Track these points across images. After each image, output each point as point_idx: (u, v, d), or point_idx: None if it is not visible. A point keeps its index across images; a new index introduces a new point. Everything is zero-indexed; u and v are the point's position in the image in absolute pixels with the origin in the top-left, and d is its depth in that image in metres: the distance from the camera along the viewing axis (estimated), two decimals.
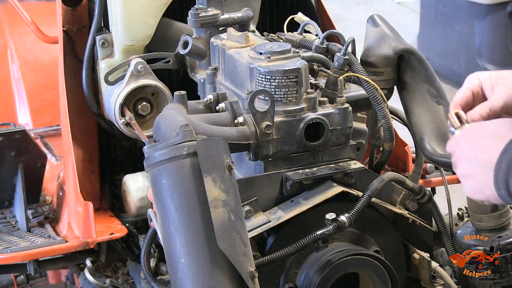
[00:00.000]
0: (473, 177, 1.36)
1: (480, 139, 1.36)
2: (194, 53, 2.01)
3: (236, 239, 1.39)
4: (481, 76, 1.49)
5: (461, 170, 1.40)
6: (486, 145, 1.33)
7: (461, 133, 1.42)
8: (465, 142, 1.39)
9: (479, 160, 1.34)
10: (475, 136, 1.38)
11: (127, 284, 2.25)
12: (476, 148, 1.35)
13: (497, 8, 5.18)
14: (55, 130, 2.95)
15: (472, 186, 1.38)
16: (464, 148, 1.39)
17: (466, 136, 1.40)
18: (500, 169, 1.29)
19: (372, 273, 1.68)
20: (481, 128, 1.39)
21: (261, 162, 1.68)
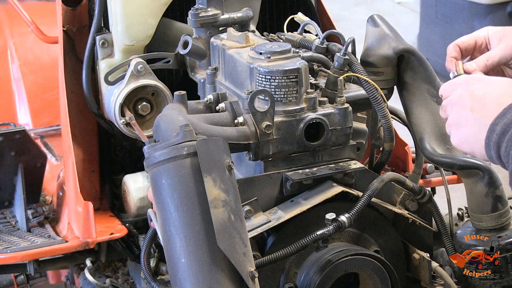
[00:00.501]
0: (466, 128, 1.37)
1: (483, 95, 1.35)
2: (194, 53, 2.01)
3: (236, 239, 1.39)
4: (490, 29, 1.48)
5: (454, 117, 1.40)
6: (486, 103, 1.33)
7: (463, 80, 1.41)
8: (465, 91, 1.38)
9: (476, 114, 1.34)
10: (478, 90, 1.37)
11: (127, 284, 2.25)
12: (477, 102, 1.35)
13: (497, 8, 5.18)
14: (55, 130, 2.95)
15: (461, 136, 1.39)
16: (463, 96, 1.38)
17: (468, 86, 1.39)
18: (494, 130, 1.30)
19: (372, 273, 1.68)
20: (486, 84, 1.38)
21: (261, 162, 1.69)
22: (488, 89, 1.36)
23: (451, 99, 1.42)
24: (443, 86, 1.48)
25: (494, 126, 1.30)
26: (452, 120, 1.41)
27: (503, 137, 1.28)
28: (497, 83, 1.38)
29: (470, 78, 1.43)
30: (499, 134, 1.29)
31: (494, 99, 1.33)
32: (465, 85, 1.41)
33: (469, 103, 1.37)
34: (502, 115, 1.30)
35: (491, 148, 1.31)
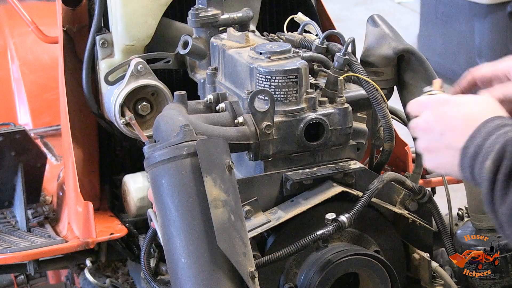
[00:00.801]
0: (438, 153, 1.37)
1: (451, 118, 1.35)
2: (194, 53, 2.01)
3: (236, 239, 1.39)
4: None
5: (424, 142, 1.40)
6: (456, 126, 1.33)
7: (430, 102, 1.41)
8: (433, 116, 1.39)
9: (446, 139, 1.34)
10: (445, 113, 1.37)
11: (127, 284, 2.25)
12: (445, 126, 1.35)
13: (497, 8, 5.18)
14: (55, 130, 2.95)
15: (435, 162, 1.40)
16: (431, 122, 1.38)
17: (435, 109, 1.39)
18: (467, 153, 1.30)
19: (372, 273, 1.68)
20: (453, 106, 1.37)
21: (261, 162, 1.68)
22: (455, 112, 1.36)
23: (419, 123, 1.42)
24: (410, 104, 1.48)
25: (466, 149, 1.30)
26: (424, 146, 1.41)
27: (475, 160, 1.28)
28: (464, 105, 1.37)
29: (437, 100, 1.42)
30: (471, 157, 1.29)
31: (462, 122, 1.33)
32: (432, 108, 1.40)
33: (438, 128, 1.37)
34: (472, 138, 1.30)
35: (465, 171, 1.32)
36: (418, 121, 1.41)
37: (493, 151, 1.24)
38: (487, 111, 1.33)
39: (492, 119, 1.30)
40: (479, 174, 1.28)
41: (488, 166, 1.24)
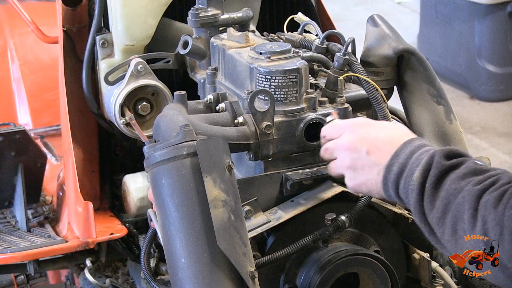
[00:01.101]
0: (363, 171, 1.46)
1: (374, 138, 1.45)
2: (194, 53, 2.01)
3: (236, 239, 1.39)
4: None
5: (347, 161, 1.48)
6: (380, 145, 1.43)
7: (349, 124, 1.51)
8: (355, 136, 1.48)
9: (372, 157, 1.43)
10: (368, 134, 1.46)
11: (127, 284, 2.25)
12: (370, 145, 1.44)
13: (497, 8, 5.18)
14: (55, 130, 2.95)
15: (358, 180, 1.47)
16: (354, 141, 1.47)
17: (355, 130, 1.49)
18: (391, 171, 1.39)
19: (372, 273, 1.68)
20: (373, 128, 1.47)
21: (261, 162, 1.68)
22: (378, 133, 1.45)
23: (340, 143, 1.50)
24: (325, 128, 1.57)
25: (390, 166, 1.39)
26: (348, 164, 1.49)
27: (401, 176, 1.37)
28: (386, 127, 1.48)
29: (356, 122, 1.52)
30: (396, 174, 1.38)
31: (386, 142, 1.42)
32: (352, 130, 1.49)
33: (363, 147, 1.45)
34: (396, 156, 1.39)
35: (389, 188, 1.40)
36: (339, 142, 1.50)
37: (420, 165, 1.34)
38: (406, 134, 1.45)
39: (413, 140, 1.41)
40: (404, 189, 1.37)
41: (417, 177, 1.33)
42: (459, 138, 1.76)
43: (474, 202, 1.27)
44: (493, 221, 1.23)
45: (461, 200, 1.29)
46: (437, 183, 1.33)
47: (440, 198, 1.32)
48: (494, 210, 1.24)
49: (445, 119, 1.75)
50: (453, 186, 1.31)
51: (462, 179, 1.32)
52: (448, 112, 1.75)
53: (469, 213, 1.27)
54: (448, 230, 1.31)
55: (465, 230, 1.28)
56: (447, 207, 1.31)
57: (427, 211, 1.34)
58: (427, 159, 1.35)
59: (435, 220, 1.33)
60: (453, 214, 1.30)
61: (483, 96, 5.39)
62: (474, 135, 4.87)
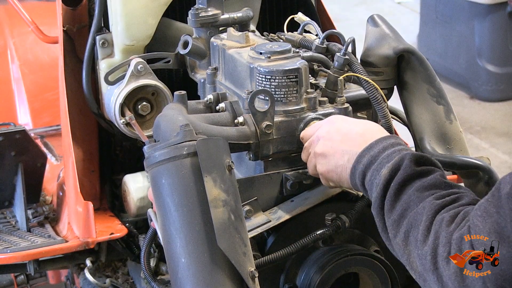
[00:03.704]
0: (334, 157, 1.52)
1: (348, 131, 1.52)
2: (194, 53, 2.01)
3: (236, 239, 1.39)
4: None
5: (321, 148, 1.55)
6: (353, 137, 1.50)
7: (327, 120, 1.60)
8: (332, 127, 1.55)
9: (345, 146, 1.50)
10: (344, 127, 1.54)
11: (127, 284, 2.25)
12: (344, 136, 1.51)
13: (497, 8, 5.18)
14: (55, 130, 2.95)
15: (329, 165, 1.54)
16: (331, 131, 1.54)
17: (333, 123, 1.56)
18: (361, 161, 1.44)
19: (372, 273, 1.68)
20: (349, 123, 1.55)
21: (261, 162, 1.68)
22: (352, 127, 1.53)
23: (318, 134, 1.57)
24: (304, 132, 1.64)
25: (361, 157, 1.45)
26: (320, 151, 1.55)
27: (369, 168, 1.42)
28: (359, 123, 1.55)
29: (334, 117, 1.59)
30: (365, 165, 1.43)
31: (359, 135, 1.50)
32: (330, 123, 1.57)
33: (337, 137, 1.52)
34: (369, 148, 1.45)
35: (356, 177, 1.46)
36: (317, 133, 1.57)
37: (390, 162, 1.39)
38: (381, 130, 1.51)
39: (388, 137, 1.47)
40: (370, 181, 1.42)
41: (384, 173, 1.38)
42: (459, 138, 1.76)
43: (432, 216, 1.31)
44: (444, 239, 1.27)
45: (420, 211, 1.33)
46: (402, 186, 1.37)
47: (401, 201, 1.36)
48: (446, 228, 1.28)
49: (445, 119, 1.75)
50: (416, 194, 1.35)
51: (426, 189, 1.36)
52: (448, 112, 1.74)
53: (425, 225, 1.31)
54: (400, 235, 1.35)
55: (417, 239, 1.32)
56: (406, 212, 1.35)
57: (386, 210, 1.38)
58: (398, 159, 1.39)
59: (391, 221, 1.37)
60: (409, 222, 1.33)
61: (483, 96, 5.39)
62: (474, 135, 4.87)
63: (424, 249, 1.30)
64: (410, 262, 1.35)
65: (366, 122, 1.56)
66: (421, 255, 1.30)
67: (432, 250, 1.28)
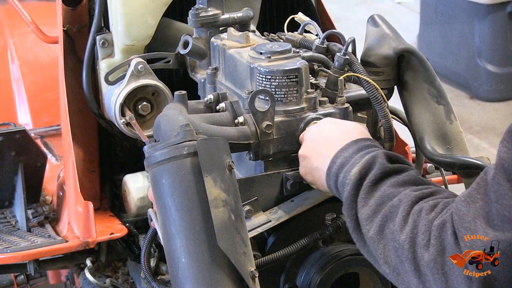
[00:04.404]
0: (311, 159, 1.54)
1: (328, 133, 1.54)
2: (194, 53, 2.01)
3: (236, 239, 1.39)
4: None
5: (303, 150, 1.58)
6: (331, 140, 1.51)
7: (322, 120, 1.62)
8: (317, 129, 1.58)
9: (321, 148, 1.51)
10: (326, 129, 1.56)
11: (127, 284, 2.25)
12: (324, 138, 1.54)
13: (497, 8, 5.18)
14: (55, 130, 2.95)
15: (307, 167, 1.56)
16: (315, 133, 1.57)
17: (320, 125, 1.59)
18: (335, 162, 1.45)
19: (372, 273, 1.68)
20: (333, 125, 1.57)
21: (261, 162, 1.68)
22: (334, 129, 1.55)
23: (304, 136, 1.60)
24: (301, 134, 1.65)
25: (335, 158, 1.46)
26: (301, 153, 1.59)
27: (342, 169, 1.43)
28: (343, 125, 1.56)
29: (323, 120, 1.62)
30: (338, 166, 1.44)
31: (337, 137, 1.51)
32: (317, 125, 1.60)
33: (318, 139, 1.54)
34: (343, 150, 1.47)
35: (330, 178, 1.47)
36: (305, 134, 1.60)
37: (361, 162, 1.40)
38: (359, 133, 1.52)
39: (363, 139, 1.49)
40: (342, 182, 1.43)
41: (354, 172, 1.39)
42: (459, 138, 1.76)
43: (409, 206, 1.31)
44: (423, 227, 1.26)
45: (396, 203, 1.33)
46: (376, 183, 1.37)
47: (375, 197, 1.36)
48: (426, 217, 1.27)
49: (445, 119, 1.75)
50: (391, 190, 1.35)
51: (401, 185, 1.36)
52: (448, 112, 1.74)
53: (402, 215, 1.30)
54: (375, 229, 1.34)
55: (393, 231, 1.30)
56: (380, 206, 1.34)
57: (359, 206, 1.38)
58: (370, 157, 1.40)
59: (365, 216, 1.36)
60: (385, 215, 1.33)
61: (483, 96, 5.39)
62: (474, 135, 4.87)
63: (401, 238, 1.28)
64: (384, 256, 1.33)
65: (350, 125, 1.57)
66: (398, 245, 1.29)
67: (410, 239, 1.27)
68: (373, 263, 1.40)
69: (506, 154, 1.15)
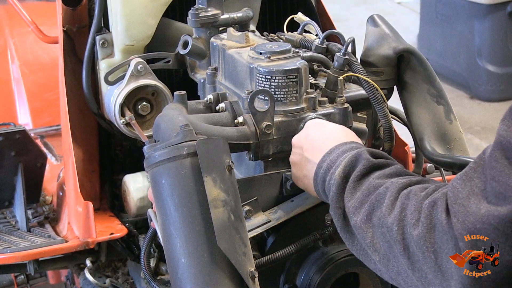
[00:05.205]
0: (299, 166, 1.55)
1: (314, 138, 1.53)
2: (194, 53, 2.01)
3: (236, 239, 1.39)
4: None
5: (292, 156, 1.58)
6: (317, 145, 1.51)
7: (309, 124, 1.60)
8: (304, 134, 1.57)
9: (307, 154, 1.51)
10: (313, 134, 1.55)
11: (127, 284, 2.25)
12: (309, 143, 1.52)
13: (497, 8, 5.18)
14: (55, 130, 2.95)
15: (297, 174, 1.57)
16: (301, 139, 1.57)
17: (307, 130, 1.58)
18: (321, 167, 1.45)
19: (372, 273, 1.68)
20: (319, 128, 1.56)
21: (261, 162, 1.68)
22: (320, 133, 1.54)
23: (293, 141, 1.60)
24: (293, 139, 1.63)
25: (321, 163, 1.46)
26: (291, 159, 1.59)
27: (328, 172, 1.43)
28: (330, 128, 1.55)
29: (310, 123, 1.60)
30: (324, 170, 1.44)
31: (323, 142, 1.50)
32: (305, 129, 1.59)
33: (304, 144, 1.54)
34: (328, 154, 1.46)
35: (318, 183, 1.46)
36: (293, 140, 1.60)
37: (344, 160, 1.40)
38: (345, 136, 1.51)
39: (348, 142, 1.48)
40: (328, 185, 1.42)
41: (338, 171, 1.39)
42: (459, 138, 1.76)
43: (396, 192, 1.30)
44: (413, 207, 1.24)
45: (383, 191, 1.32)
46: (361, 178, 1.37)
47: (361, 190, 1.35)
48: (415, 197, 1.25)
49: (445, 119, 1.75)
50: (377, 181, 1.35)
51: (387, 177, 1.35)
52: (448, 112, 1.74)
53: (389, 200, 1.29)
54: (362, 218, 1.33)
55: (380, 218, 1.29)
56: (367, 197, 1.34)
57: (346, 201, 1.37)
58: (351, 155, 1.40)
59: (352, 208, 1.35)
60: (371, 203, 1.32)
61: (483, 96, 5.39)
62: (474, 135, 4.87)
63: (389, 221, 1.26)
64: (373, 245, 1.31)
65: (336, 128, 1.56)
66: (386, 230, 1.27)
67: (398, 221, 1.25)
68: (364, 259, 1.38)
69: (505, 132, 1.14)
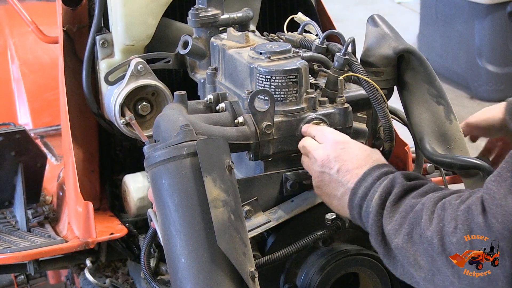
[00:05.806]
0: (329, 187, 1.53)
1: (347, 160, 1.51)
2: (194, 53, 2.01)
3: (236, 239, 1.39)
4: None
5: (318, 174, 1.55)
6: (350, 168, 1.50)
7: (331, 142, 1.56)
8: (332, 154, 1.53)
9: (340, 177, 1.50)
10: (343, 155, 1.53)
11: (127, 284, 2.25)
12: (342, 166, 1.51)
13: (497, 8, 5.18)
14: (55, 130, 2.95)
15: (321, 188, 1.55)
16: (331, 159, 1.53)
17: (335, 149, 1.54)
18: (357, 193, 1.45)
19: (372, 273, 1.68)
20: (348, 150, 1.54)
21: (261, 162, 1.69)
22: (352, 155, 1.52)
23: (319, 154, 1.55)
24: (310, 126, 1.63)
25: (356, 189, 1.47)
26: (317, 176, 1.56)
27: (364, 199, 1.43)
28: (360, 150, 1.53)
29: (338, 139, 1.56)
30: (360, 197, 1.45)
31: (357, 165, 1.49)
32: (332, 145, 1.55)
33: (335, 165, 1.52)
34: (362, 180, 1.46)
35: (354, 209, 1.46)
36: (319, 152, 1.55)
37: (380, 187, 1.41)
38: (379, 160, 1.51)
39: (381, 166, 1.48)
40: (365, 212, 1.43)
41: (375, 199, 1.40)
42: (459, 138, 1.76)
43: (432, 206, 1.31)
44: (449, 216, 1.25)
45: (419, 208, 1.33)
46: (398, 201, 1.38)
47: (399, 212, 1.37)
48: (450, 207, 1.27)
49: (445, 119, 1.75)
50: (413, 201, 1.36)
51: (421, 195, 1.37)
52: (448, 112, 1.75)
53: (426, 215, 1.30)
54: (403, 237, 1.34)
55: (420, 234, 1.30)
56: (405, 218, 1.35)
57: (385, 225, 1.38)
58: (387, 181, 1.41)
59: (392, 231, 1.36)
60: (410, 222, 1.33)
61: (483, 96, 5.39)
62: None
63: (428, 235, 1.27)
64: (416, 262, 1.32)
65: (366, 150, 1.55)
66: (427, 244, 1.28)
67: (437, 232, 1.26)
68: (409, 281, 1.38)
69: None
